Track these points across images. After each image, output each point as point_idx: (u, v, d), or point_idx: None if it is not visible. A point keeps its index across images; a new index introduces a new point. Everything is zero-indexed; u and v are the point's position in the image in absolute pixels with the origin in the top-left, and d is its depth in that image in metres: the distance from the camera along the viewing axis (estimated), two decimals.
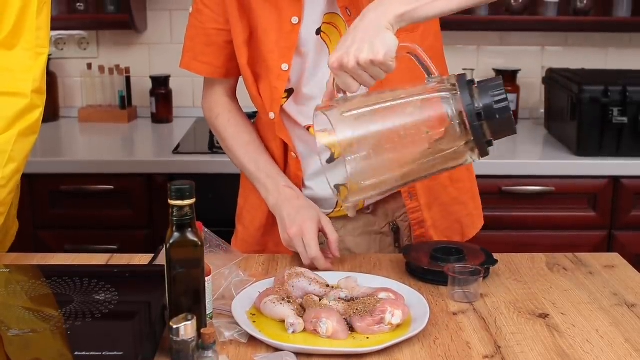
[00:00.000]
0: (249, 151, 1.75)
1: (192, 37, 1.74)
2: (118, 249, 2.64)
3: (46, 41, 1.58)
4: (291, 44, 1.62)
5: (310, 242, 1.58)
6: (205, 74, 1.78)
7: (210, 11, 1.69)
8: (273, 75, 1.65)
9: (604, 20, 3.22)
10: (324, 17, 1.62)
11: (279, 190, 1.69)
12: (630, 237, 2.60)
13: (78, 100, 3.34)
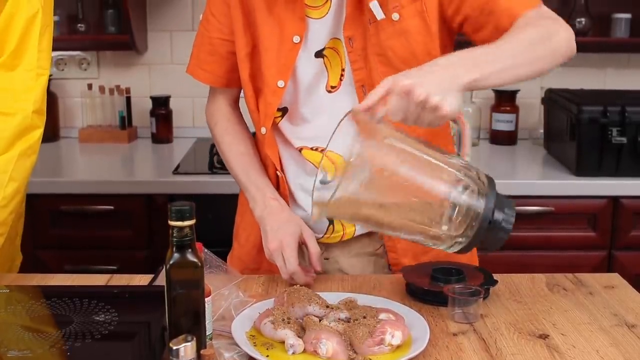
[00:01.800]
0: (243, 162, 1.76)
1: (198, 44, 1.78)
2: (118, 270, 2.64)
3: (47, 63, 1.60)
4: (289, 62, 1.64)
5: (289, 257, 1.59)
6: (206, 82, 1.81)
7: (217, 21, 1.72)
8: (269, 91, 1.67)
9: (603, 40, 3.23)
10: (329, 42, 1.63)
11: (265, 202, 1.69)
12: (630, 257, 2.60)
13: (78, 121, 3.35)
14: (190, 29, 3.27)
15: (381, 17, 1.57)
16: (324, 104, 1.66)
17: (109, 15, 3.17)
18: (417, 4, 1.57)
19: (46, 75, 1.60)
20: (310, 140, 1.69)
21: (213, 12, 1.73)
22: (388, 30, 1.58)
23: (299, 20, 1.61)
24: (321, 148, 1.68)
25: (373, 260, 1.78)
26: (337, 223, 1.73)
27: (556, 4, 3.26)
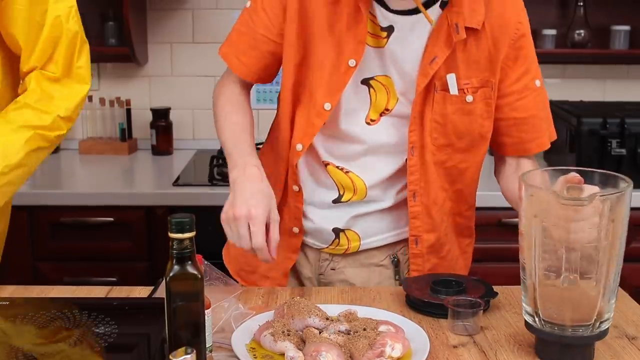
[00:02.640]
0: (235, 130, 1.68)
1: (240, 32, 1.71)
2: (117, 281, 2.64)
3: (86, 78, 1.76)
4: (341, 85, 1.62)
5: (258, 230, 1.48)
6: (238, 73, 1.73)
7: (267, 18, 1.66)
8: (314, 111, 1.65)
9: (602, 52, 3.24)
10: (379, 76, 1.63)
11: (245, 168, 1.57)
12: (631, 268, 2.59)
13: (79, 132, 3.35)
14: (191, 41, 3.28)
15: (454, 92, 1.61)
16: (361, 133, 1.67)
17: (109, 28, 3.18)
18: (486, 90, 1.63)
19: (84, 90, 1.75)
20: (339, 159, 1.70)
21: (265, 7, 1.65)
22: (456, 106, 1.63)
23: (358, 44, 1.58)
24: (346, 169, 1.70)
25: (378, 271, 1.78)
26: (343, 237, 1.74)
27: (555, 16, 3.28)
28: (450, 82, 1.60)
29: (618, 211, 1.27)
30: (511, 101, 1.66)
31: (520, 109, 1.67)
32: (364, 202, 1.72)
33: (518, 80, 1.65)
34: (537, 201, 1.29)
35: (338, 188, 1.71)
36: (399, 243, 1.77)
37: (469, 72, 1.61)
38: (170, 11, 3.27)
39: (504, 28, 1.61)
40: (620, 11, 3.22)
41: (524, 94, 1.66)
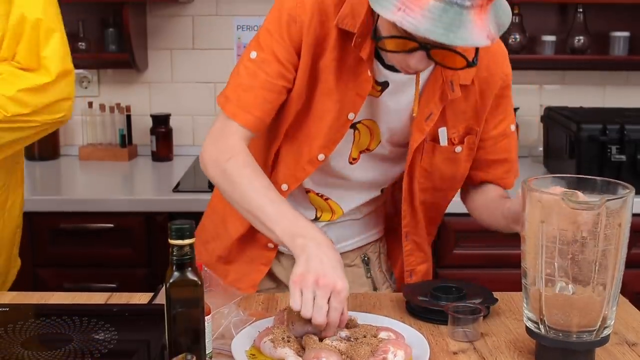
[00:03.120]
0: (269, 194, 1.54)
1: (247, 87, 1.59)
2: (117, 288, 2.63)
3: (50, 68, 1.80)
4: (338, 137, 1.63)
5: (340, 307, 1.38)
6: (249, 127, 1.60)
7: (284, 68, 1.58)
8: (307, 158, 1.66)
9: (601, 58, 3.24)
10: (365, 120, 1.65)
11: (309, 233, 1.47)
12: (631, 274, 2.57)
13: (79, 139, 3.35)
14: (191, 47, 3.28)
15: (444, 144, 1.67)
16: (344, 171, 1.71)
17: (109, 34, 3.18)
18: (471, 137, 1.69)
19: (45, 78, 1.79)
20: (321, 187, 1.74)
21: (279, 58, 1.57)
22: (444, 155, 1.69)
23: (359, 98, 1.59)
24: (326, 197, 1.75)
25: (350, 271, 1.82)
26: None
27: (555, 22, 3.28)
28: (441, 135, 1.66)
29: (622, 216, 1.28)
30: (487, 145, 1.73)
31: (494, 153, 1.74)
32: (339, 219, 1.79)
33: (496, 127, 1.72)
34: (544, 207, 1.29)
35: (316, 210, 1.77)
36: (369, 244, 1.87)
37: (456, 123, 1.67)
38: (170, 17, 3.27)
39: (491, 80, 1.66)
40: (620, 17, 3.23)
41: (499, 139, 1.73)
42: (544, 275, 1.31)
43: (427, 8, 1.29)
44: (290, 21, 1.56)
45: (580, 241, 1.27)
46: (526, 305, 1.37)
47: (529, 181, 1.35)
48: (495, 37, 1.36)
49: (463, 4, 1.29)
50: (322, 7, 1.56)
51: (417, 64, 1.44)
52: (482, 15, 1.32)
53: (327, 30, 1.57)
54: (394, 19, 1.31)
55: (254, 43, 1.62)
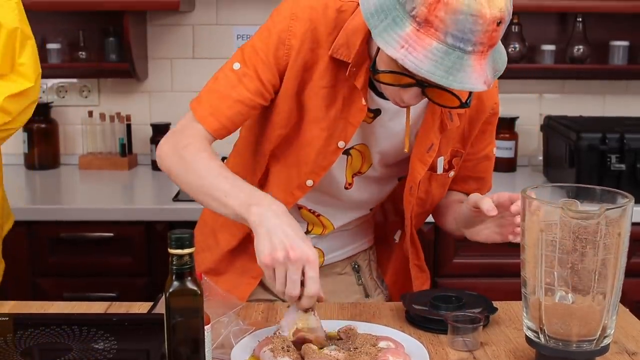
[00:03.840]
0: (224, 172, 1.51)
1: (222, 95, 1.59)
2: (117, 297, 2.63)
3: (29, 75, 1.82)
4: (328, 164, 1.64)
5: (316, 276, 1.35)
6: (217, 136, 1.60)
7: (263, 88, 1.58)
8: (295, 183, 1.66)
9: (601, 68, 3.25)
10: (357, 146, 1.66)
11: (265, 202, 1.43)
12: (630, 283, 2.57)
13: (79, 148, 3.35)
14: (191, 56, 3.29)
15: (441, 172, 1.70)
16: (338, 194, 1.73)
17: (109, 43, 3.19)
18: (457, 160, 1.73)
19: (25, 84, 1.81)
20: (313, 205, 1.75)
21: (261, 77, 1.57)
22: (439, 182, 1.72)
23: (350, 126, 1.60)
24: (318, 213, 1.76)
25: (341, 279, 1.85)
26: None
27: (555, 32, 3.29)
28: (439, 164, 1.70)
29: (621, 225, 1.28)
30: (469, 165, 1.78)
31: (473, 171, 1.80)
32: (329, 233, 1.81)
33: (481, 151, 1.77)
34: (544, 216, 1.30)
35: (308, 225, 1.78)
36: (359, 253, 1.88)
37: (446, 148, 1.69)
38: (170, 27, 3.28)
39: (481, 108, 1.69)
40: (619, 27, 3.23)
41: (481, 161, 1.79)
42: (544, 284, 1.31)
43: (430, 49, 1.31)
44: (279, 44, 1.56)
45: (579, 250, 1.27)
46: (526, 314, 1.36)
47: (528, 190, 1.35)
48: (491, 82, 1.39)
49: (465, 48, 1.32)
50: (314, 35, 1.56)
51: (410, 99, 1.46)
52: (482, 61, 1.35)
53: (317, 58, 1.57)
54: (397, 56, 1.33)
55: (239, 54, 1.61)
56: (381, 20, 1.35)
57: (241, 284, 1.75)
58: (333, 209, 1.76)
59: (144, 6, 3.00)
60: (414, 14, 1.32)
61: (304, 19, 1.56)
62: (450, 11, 1.29)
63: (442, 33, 1.30)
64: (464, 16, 1.29)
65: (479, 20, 1.29)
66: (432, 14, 1.30)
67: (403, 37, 1.32)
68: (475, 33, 1.30)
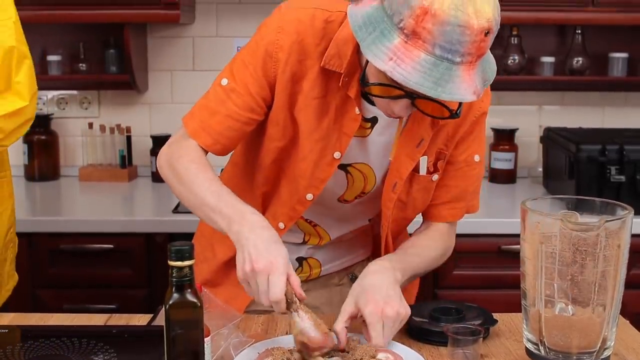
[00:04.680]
0: (212, 186, 1.54)
1: (213, 111, 1.60)
2: (117, 309, 2.63)
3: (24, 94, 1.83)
4: (325, 176, 1.62)
5: (278, 281, 1.38)
6: (213, 151, 1.62)
7: (253, 101, 1.58)
8: (295, 198, 1.66)
9: (600, 79, 3.26)
10: (359, 164, 1.65)
11: (245, 218, 1.47)
12: (630, 295, 2.57)
13: (79, 159, 3.36)
14: (191, 68, 3.29)
15: (423, 173, 1.66)
16: (334, 207, 1.72)
17: (110, 55, 3.19)
18: (441, 164, 1.68)
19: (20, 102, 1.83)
20: (310, 215, 1.73)
21: (251, 91, 1.57)
22: (421, 185, 1.68)
23: (345, 136, 1.59)
24: (315, 223, 1.75)
25: (338, 290, 1.84)
26: (306, 265, 1.80)
27: (554, 44, 3.30)
28: (422, 164, 1.65)
29: (621, 237, 1.28)
30: (450, 170, 1.71)
31: (453, 178, 1.71)
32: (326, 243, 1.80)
33: (463, 153, 1.70)
34: (544, 228, 1.30)
35: (304, 235, 1.78)
36: (356, 263, 1.87)
37: (432, 148, 1.65)
38: (170, 39, 3.28)
39: (468, 110, 1.64)
40: (618, 39, 3.24)
41: (460, 166, 1.71)
42: (544, 296, 1.31)
43: (419, 61, 1.30)
44: (267, 57, 1.56)
45: (579, 262, 1.28)
46: (526, 326, 1.36)
47: (528, 202, 1.35)
48: (480, 92, 1.37)
49: (453, 59, 1.31)
50: (301, 46, 1.55)
51: (400, 111, 1.45)
52: (471, 71, 1.34)
53: (306, 69, 1.56)
54: (385, 68, 1.32)
55: (227, 70, 1.62)
56: (369, 33, 1.35)
57: (239, 295, 1.74)
58: (331, 220, 1.75)
59: (145, 18, 3.01)
60: (402, 26, 1.31)
61: (291, 31, 1.55)
62: (438, 23, 1.28)
63: (430, 44, 1.30)
64: (452, 27, 1.28)
65: (467, 31, 1.29)
66: (419, 25, 1.29)
67: (391, 49, 1.32)
68: (463, 44, 1.30)
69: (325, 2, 1.56)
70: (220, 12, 3.27)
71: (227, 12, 3.25)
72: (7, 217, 1.97)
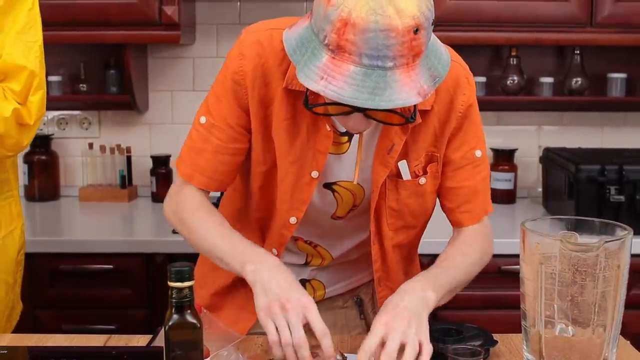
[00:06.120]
0: (221, 230, 1.58)
1: (200, 150, 1.62)
2: (116, 329, 2.63)
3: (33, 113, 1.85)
4: (305, 197, 1.60)
5: (317, 319, 1.38)
6: (204, 187, 1.64)
7: (235, 132, 1.59)
8: (280, 223, 1.65)
9: (599, 100, 3.27)
10: (342, 182, 1.62)
11: (260, 258, 1.49)
12: (631, 315, 2.57)
13: (79, 180, 3.36)
14: (191, 89, 3.30)
15: (407, 178, 1.61)
16: (327, 223, 1.70)
17: (110, 76, 3.21)
18: (433, 165, 1.63)
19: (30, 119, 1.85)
20: (307, 235, 1.72)
21: (229, 122, 1.58)
22: (410, 190, 1.63)
23: (319, 154, 1.56)
24: (315, 244, 1.73)
25: (343, 313, 1.82)
26: (309, 287, 1.78)
27: (553, 64, 3.31)
28: (402, 169, 1.60)
29: (621, 258, 1.28)
30: (447, 170, 1.65)
31: (454, 179, 1.65)
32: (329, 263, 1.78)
33: (457, 150, 1.64)
34: (543, 249, 1.30)
35: (307, 256, 1.76)
36: (361, 286, 1.84)
37: (418, 152, 1.61)
38: (171, 59, 3.30)
39: (451, 104, 1.59)
40: (616, 59, 3.26)
41: (460, 164, 1.64)
42: (544, 317, 1.31)
43: (349, 74, 1.28)
44: (235, 85, 1.56)
45: (579, 283, 1.28)
46: (526, 347, 1.36)
47: (527, 223, 1.36)
48: (428, 91, 1.33)
49: (384, 65, 1.28)
50: (264, 69, 1.54)
51: (356, 126, 1.43)
52: (410, 72, 1.30)
53: (273, 92, 1.55)
54: (317, 88, 1.30)
55: (204, 107, 1.63)
56: (302, 55, 1.33)
57: (240, 319, 1.73)
58: (329, 238, 1.73)
59: (145, 39, 3.02)
60: (327, 43, 1.29)
61: (252, 55, 1.55)
62: (359, 32, 1.25)
63: (356, 55, 1.27)
64: (374, 33, 1.25)
65: (391, 34, 1.25)
66: (342, 38, 1.27)
67: (321, 67, 1.30)
68: (391, 47, 1.26)
69: (282, 22, 1.54)
70: (220, 33, 3.29)
71: (227, 33, 3.27)
72: (18, 236, 1.97)
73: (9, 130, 1.77)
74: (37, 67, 1.84)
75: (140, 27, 2.91)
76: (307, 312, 1.39)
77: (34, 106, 1.83)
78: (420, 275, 1.54)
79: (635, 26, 2.93)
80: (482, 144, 1.66)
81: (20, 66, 1.81)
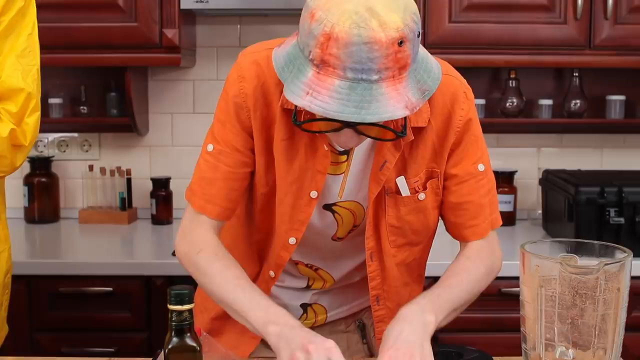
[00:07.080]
0: (240, 285, 1.55)
1: (210, 180, 1.61)
2: (116, 352, 2.61)
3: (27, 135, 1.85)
4: (305, 218, 1.60)
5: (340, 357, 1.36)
6: (216, 217, 1.63)
7: (243, 156, 1.60)
8: (279, 244, 1.64)
9: (598, 122, 3.27)
10: (342, 203, 1.62)
11: (282, 319, 1.46)
12: (632, 338, 2.56)
13: (79, 202, 3.36)
14: (191, 111, 3.31)
15: (406, 194, 1.60)
16: (327, 245, 1.69)
17: (111, 98, 3.22)
18: (434, 182, 1.61)
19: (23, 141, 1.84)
20: (308, 258, 1.72)
21: (236, 146, 1.58)
22: (409, 206, 1.61)
23: (318, 174, 1.56)
24: (316, 267, 1.73)
25: (345, 337, 1.81)
26: (310, 311, 1.78)
27: (551, 86, 3.32)
28: (400, 185, 1.59)
29: (620, 280, 1.28)
30: (449, 185, 1.63)
31: (457, 194, 1.63)
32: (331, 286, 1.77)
33: (457, 165, 1.62)
34: (543, 271, 1.30)
35: (308, 279, 1.76)
36: (364, 309, 1.83)
37: (417, 168, 1.60)
38: (171, 82, 3.31)
39: (449, 120, 1.58)
40: (615, 81, 3.27)
41: (463, 179, 1.62)
42: (544, 339, 1.30)
43: (334, 89, 1.27)
44: (237, 109, 1.57)
45: (579, 305, 1.27)
46: None
47: (527, 246, 1.36)
48: (417, 104, 1.32)
49: (370, 78, 1.27)
50: (264, 90, 1.55)
51: (347, 142, 1.43)
52: (397, 85, 1.29)
53: (274, 112, 1.55)
54: (303, 104, 1.30)
55: (209, 135, 1.63)
56: (290, 72, 1.33)
57: (241, 343, 1.72)
58: (330, 260, 1.72)
59: (146, 62, 3.03)
60: (312, 58, 1.29)
61: (251, 77, 1.55)
62: (342, 45, 1.25)
63: (340, 69, 1.26)
64: (357, 47, 1.24)
65: (375, 47, 1.25)
66: (325, 53, 1.27)
67: (306, 83, 1.29)
68: (375, 60, 1.25)
69: (277, 42, 1.53)
70: (220, 56, 3.30)
71: (228, 55, 3.28)
72: (5, 260, 1.96)
73: (3, 151, 1.78)
74: (34, 89, 1.85)
75: (141, 50, 2.92)
76: (330, 353, 1.35)
77: (29, 128, 1.85)
78: (421, 297, 1.53)
79: (633, 48, 2.95)
80: (485, 157, 1.64)
81: (18, 88, 1.82)
